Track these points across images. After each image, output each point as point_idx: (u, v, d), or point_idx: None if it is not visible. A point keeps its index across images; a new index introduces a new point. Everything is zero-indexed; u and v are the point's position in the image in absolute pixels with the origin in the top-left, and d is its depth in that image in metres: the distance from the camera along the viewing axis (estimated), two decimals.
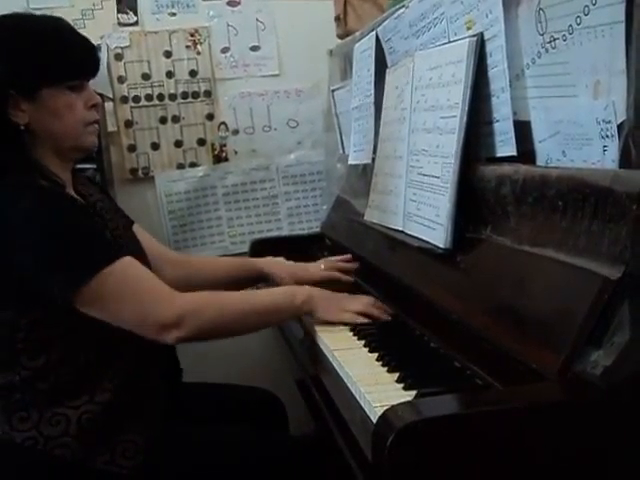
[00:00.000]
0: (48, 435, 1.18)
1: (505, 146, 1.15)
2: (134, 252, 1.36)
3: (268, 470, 1.26)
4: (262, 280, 1.62)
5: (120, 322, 1.18)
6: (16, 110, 1.21)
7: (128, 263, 1.20)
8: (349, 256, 1.68)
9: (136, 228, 1.50)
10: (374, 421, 0.85)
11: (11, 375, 1.20)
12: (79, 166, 1.48)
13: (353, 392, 1.05)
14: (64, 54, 1.24)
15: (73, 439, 1.18)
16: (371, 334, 1.27)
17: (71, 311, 1.16)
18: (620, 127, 0.88)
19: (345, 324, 1.33)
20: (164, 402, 1.32)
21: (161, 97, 2.32)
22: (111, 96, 2.27)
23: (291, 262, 1.66)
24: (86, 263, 1.16)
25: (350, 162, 1.91)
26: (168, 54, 2.32)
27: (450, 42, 1.29)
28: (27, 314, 1.18)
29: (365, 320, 1.32)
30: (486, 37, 1.17)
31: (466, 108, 1.18)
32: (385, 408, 0.81)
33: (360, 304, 1.36)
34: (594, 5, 0.90)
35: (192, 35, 2.32)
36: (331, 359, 1.20)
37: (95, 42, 2.16)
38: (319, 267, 1.61)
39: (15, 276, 1.16)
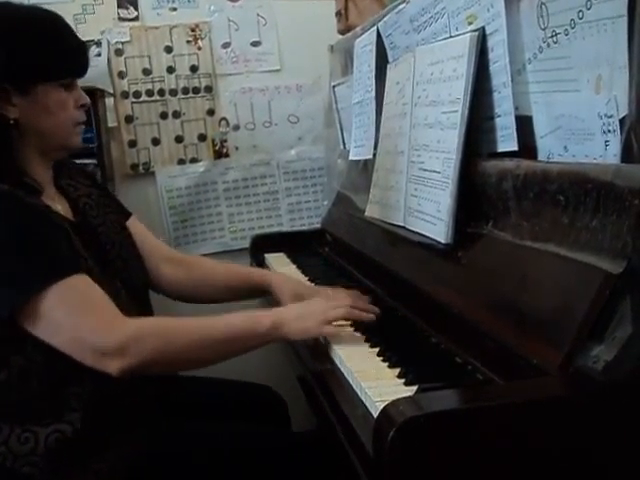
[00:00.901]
0: (17, 453, 1.13)
1: (506, 141, 1.15)
2: (121, 250, 1.33)
3: (270, 467, 1.25)
4: (266, 294, 1.51)
5: (58, 345, 1.10)
6: (6, 104, 1.18)
7: (74, 283, 1.11)
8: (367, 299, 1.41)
9: (132, 222, 1.45)
10: (375, 416, 0.84)
11: None
12: (79, 161, 1.47)
13: (354, 387, 1.05)
14: (62, 51, 1.23)
15: (41, 459, 1.13)
16: (372, 329, 1.26)
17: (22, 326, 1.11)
18: (622, 122, 0.88)
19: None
20: (155, 411, 1.28)
21: (162, 92, 2.32)
22: (111, 91, 2.27)
23: (307, 284, 1.51)
24: (28, 280, 1.09)
25: (351, 158, 1.91)
26: (169, 49, 2.31)
27: (451, 37, 1.29)
28: None
29: (348, 327, 1.22)
30: (487, 32, 1.17)
31: (467, 103, 1.18)
32: (386, 403, 0.81)
33: (342, 309, 1.24)
34: None
35: (193, 30, 2.32)
36: (332, 355, 1.20)
37: (95, 37, 2.24)
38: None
39: None
